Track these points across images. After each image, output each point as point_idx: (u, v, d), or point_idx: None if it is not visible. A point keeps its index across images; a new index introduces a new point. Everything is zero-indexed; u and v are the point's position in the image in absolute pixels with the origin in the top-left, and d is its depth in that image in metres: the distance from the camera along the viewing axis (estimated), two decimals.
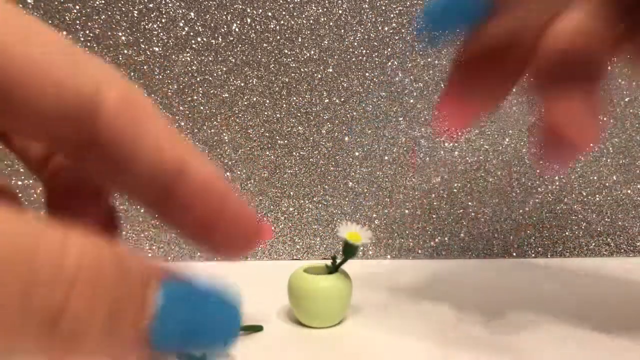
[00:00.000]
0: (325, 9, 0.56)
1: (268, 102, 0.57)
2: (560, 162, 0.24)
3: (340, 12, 0.56)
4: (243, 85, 0.56)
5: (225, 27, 0.55)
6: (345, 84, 0.57)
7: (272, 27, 0.56)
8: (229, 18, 0.55)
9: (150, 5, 0.54)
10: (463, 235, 0.59)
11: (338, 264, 0.40)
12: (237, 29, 0.55)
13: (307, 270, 0.40)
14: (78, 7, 0.54)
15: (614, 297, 0.46)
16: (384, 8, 0.56)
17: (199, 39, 0.55)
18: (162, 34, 0.55)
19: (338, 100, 0.57)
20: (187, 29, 0.55)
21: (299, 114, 0.57)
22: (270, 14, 0.55)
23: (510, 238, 0.60)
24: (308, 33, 0.56)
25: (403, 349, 0.36)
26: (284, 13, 0.56)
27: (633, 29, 0.22)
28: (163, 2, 0.54)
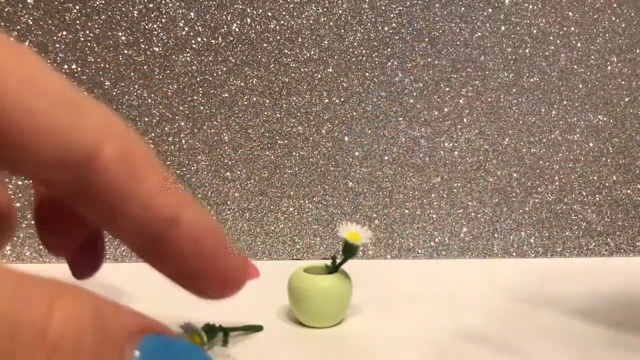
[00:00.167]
0: (325, 9, 0.56)
1: (268, 102, 0.57)
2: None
3: (340, 12, 0.56)
4: (243, 85, 0.56)
5: (225, 27, 0.55)
6: (345, 84, 0.57)
7: (272, 27, 0.56)
8: (229, 18, 0.55)
9: (150, 5, 0.54)
10: (463, 235, 0.59)
11: (338, 264, 0.40)
12: (237, 29, 0.55)
13: (307, 270, 0.40)
14: (78, 7, 0.54)
15: (614, 297, 0.46)
16: (384, 8, 0.56)
17: (199, 39, 0.55)
18: (162, 34, 0.55)
19: (338, 100, 0.57)
20: (187, 29, 0.55)
21: (299, 114, 0.57)
22: (270, 14, 0.55)
23: (510, 238, 0.60)
24: (308, 33, 0.56)
25: (403, 349, 0.36)
26: (284, 13, 0.56)
27: None
28: (163, 2, 0.54)
